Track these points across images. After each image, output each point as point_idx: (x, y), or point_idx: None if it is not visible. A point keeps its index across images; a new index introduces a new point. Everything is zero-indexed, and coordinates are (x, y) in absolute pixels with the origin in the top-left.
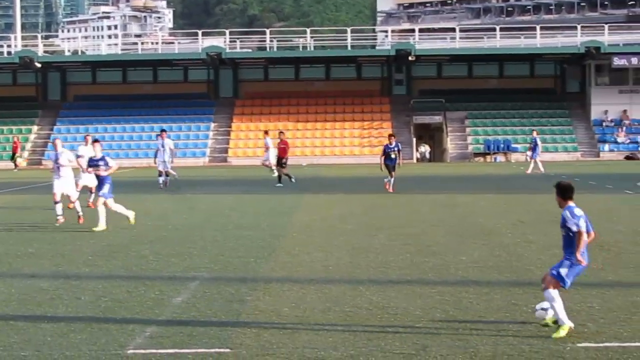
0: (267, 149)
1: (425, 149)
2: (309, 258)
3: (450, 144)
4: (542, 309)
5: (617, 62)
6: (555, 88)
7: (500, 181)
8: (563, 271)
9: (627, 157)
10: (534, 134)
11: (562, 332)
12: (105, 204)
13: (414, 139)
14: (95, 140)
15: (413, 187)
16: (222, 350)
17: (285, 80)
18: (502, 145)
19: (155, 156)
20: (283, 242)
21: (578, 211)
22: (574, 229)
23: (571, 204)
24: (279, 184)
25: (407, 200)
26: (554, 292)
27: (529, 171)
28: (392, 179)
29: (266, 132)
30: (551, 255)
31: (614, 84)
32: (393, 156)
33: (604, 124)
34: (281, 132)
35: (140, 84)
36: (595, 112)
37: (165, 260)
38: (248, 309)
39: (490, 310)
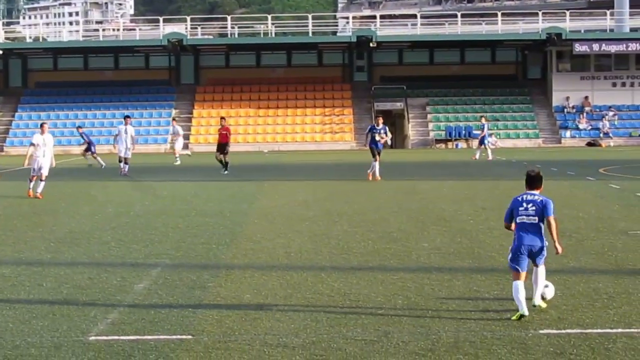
0: (177, 136)
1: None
2: (271, 244)
3: (412, 131)
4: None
5: (579, 48)
6: (517, 74)
7: (462, 168)
8: None
9: (589, 144)
10: (482, 120)
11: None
12: None
13: None
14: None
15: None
16: (183, 336)
17: (247, 67)
18: (463, 132)
19: (115, 142)
20: (245, 229)
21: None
22: None
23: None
24: (225, 172)
25: (368, 186)
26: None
27: (477, 157)
28: (377, 164)
29: (174, 119)
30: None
31: (576, 70)
32: (378, 138)
33: (565, 110)
34: (222, 118)
35: (101, 70)
36: (557, 99)
37: (127, 247)
38: (210, 295)
39: (452, 296)
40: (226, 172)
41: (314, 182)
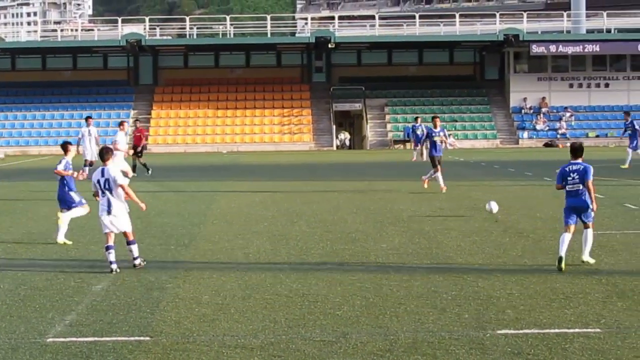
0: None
1: (345, 136)
2: (229, 245)
3: (370, 132)
4: None
5: (536, 49)
6: (475, 75)
7: (420, 168)
8: None
9: (546, 145)
10: (418, 120)
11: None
12: None
13: (334, 127)
14: None
15: (333, 174)
16: (142, 338)
17: (205, 67)
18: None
19: (78, 144)
20: (203, 230)
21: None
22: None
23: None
24: (147, 173)
25: (327, 187)
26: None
27: (415, 159)
28: (439, 174)
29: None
30: (471, 242)
31: (533, 71)
32: (440, 143)
33: (523, 111)
34: (136, 120)
35: (59, 71)
36: (514, 100)
37: (85, 248)
38: (168, 296)
39: (410, 297)
40: (148, 173)
41: (272, 182)
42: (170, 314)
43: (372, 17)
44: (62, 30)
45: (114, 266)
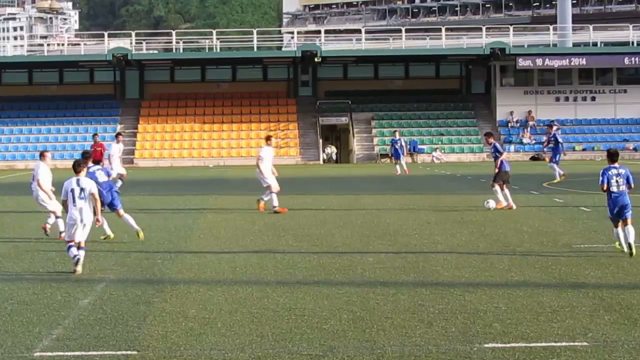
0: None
1: (331, 150)
2: (216, 259)
3: (357, 145)
4: None
5: (522, 63)
6: (461, 89)
7: (407, 182)
8: None
9: (533, 158)
10: (396, 134)
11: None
12: None
13: (320, 141)
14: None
15: (320, 188)
16: (129, 352)
17: (192, 81)
18: (408, 146)
19: (109, 159)
20: (190, 243)
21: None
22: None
23: (610, 165)
24: None
25: (313, 201)
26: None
27: (399, 172)
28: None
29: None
30: (458, 256)
31: (519, 84)
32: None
33: (509, 124)
34: (95, 134)
35: (46, 85)
36: (501, 113)
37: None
38: (155, 310)
39: (397, 310)
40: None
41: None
42: (157, 328)
43: (359, 31)
44: (48, 45)
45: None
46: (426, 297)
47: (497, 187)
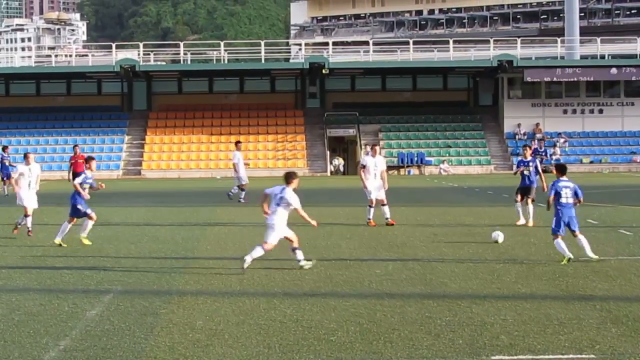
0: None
1: (339, 162)
2: (223, 271)
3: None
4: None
5: (530, 75)
6: (469, 101)
7: (414, 194)
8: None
9: (543, 171)
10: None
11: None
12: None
13: (328, 152)
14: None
15: (327, 200)
16: None
17: (199, 93)
18: (415, 158)
19: (235, 169)
20: (197, 255)
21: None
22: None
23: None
24: None
25: (320, 212)
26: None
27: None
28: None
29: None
30: (465, 268)
31: (527, 97)
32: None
33: (516, 137)
34: (76, 145)
35: (53, 96)
36: (508, 125)
37: (79, 273)
38: (162, 322)
39: (404, 323)
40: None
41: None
42: (164, 340)
43: (366, 43)
44: (56, 56)
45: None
46: (433, 309)
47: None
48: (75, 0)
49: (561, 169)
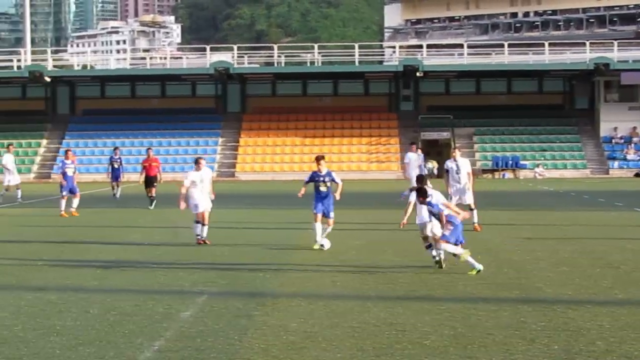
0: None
1: (432, 165)
2: (317, 274)
3: None
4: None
5: (626, 78)
6: (564, 104)
7: (508, 198)
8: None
9: (637, 175)
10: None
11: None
12: None
13: (422, 155)
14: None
15: None
16: None
17: (293, 95)
18: (510, 162)
19: (404, 169)
20: (292, 258)
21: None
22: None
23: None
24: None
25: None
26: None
27: None
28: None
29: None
30: (560, 272)
31: (624, 100)
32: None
33: (613, 140)
34: (149, 148)
35: (148, 98)
36: (605, 129)
37: (174, 274)
38: (256, 324)
39: (499, 327)
40: (151, 207)
41: (360, 211)
42: (258, 342)
43: (461, 46)
44: (151, 58)
45: None
46: (528, 313)
47: None
48: (169, 3)
49: (318, 159)
